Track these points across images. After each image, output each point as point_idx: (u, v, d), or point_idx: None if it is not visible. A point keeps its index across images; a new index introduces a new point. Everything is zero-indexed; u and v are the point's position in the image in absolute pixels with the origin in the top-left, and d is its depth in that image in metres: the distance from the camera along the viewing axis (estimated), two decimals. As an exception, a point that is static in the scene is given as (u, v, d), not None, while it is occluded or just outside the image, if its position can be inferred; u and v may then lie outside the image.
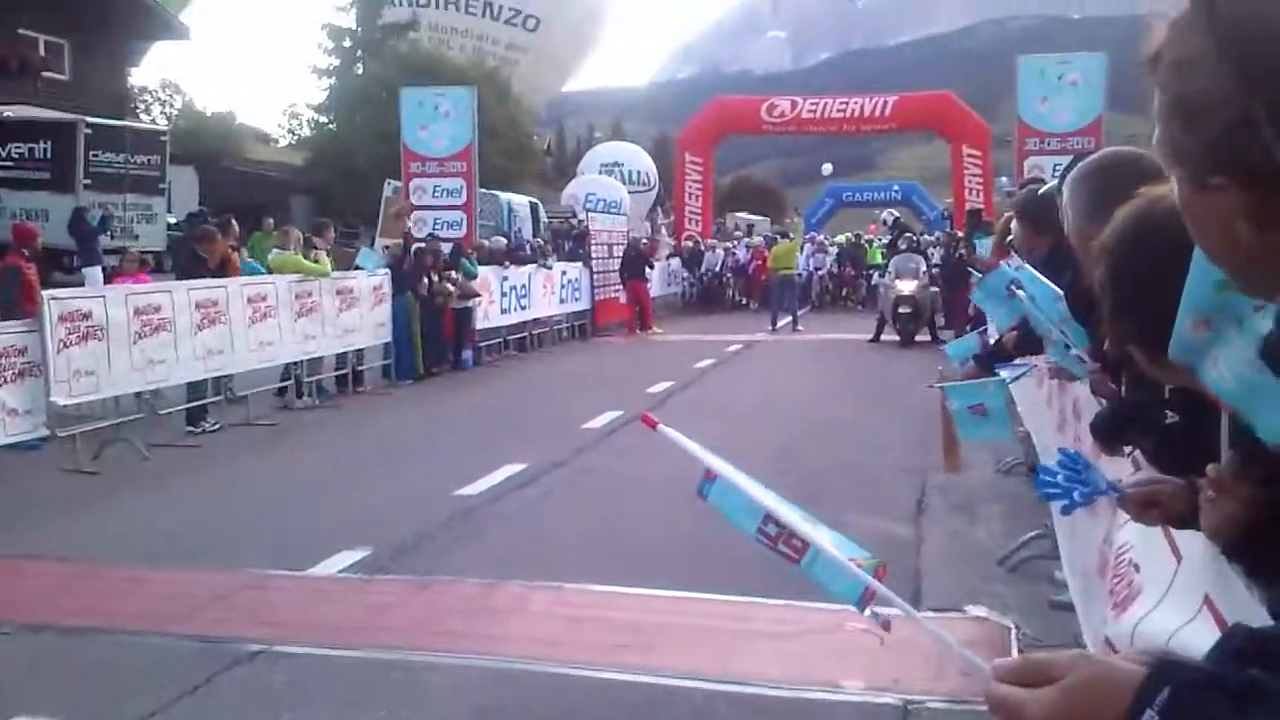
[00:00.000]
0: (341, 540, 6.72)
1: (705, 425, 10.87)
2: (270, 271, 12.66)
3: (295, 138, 42.12)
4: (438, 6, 45.60)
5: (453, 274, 15.50)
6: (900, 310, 18.50)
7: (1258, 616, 1.48)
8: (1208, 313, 1.35)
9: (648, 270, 22.54)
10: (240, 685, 4.66)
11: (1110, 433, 2.94)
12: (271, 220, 16.72)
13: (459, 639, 5.15)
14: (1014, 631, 5.15)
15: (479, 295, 16.18)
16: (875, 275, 26.00)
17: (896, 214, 30.07)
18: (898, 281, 18.85)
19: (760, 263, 27.28)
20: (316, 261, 13.09)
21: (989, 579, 6.02)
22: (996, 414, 4.97)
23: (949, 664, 4.46)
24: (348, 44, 37.62)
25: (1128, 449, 2.88)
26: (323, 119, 38.32)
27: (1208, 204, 0.99)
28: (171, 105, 45.29)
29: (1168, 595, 1.97)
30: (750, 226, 39.37)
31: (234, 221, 12.91)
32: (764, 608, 5.33)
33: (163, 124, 33.76)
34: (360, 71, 36.51)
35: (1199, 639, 1.58)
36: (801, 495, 5.65)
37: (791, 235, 27.43)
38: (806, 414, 11.83)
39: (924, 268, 19.47)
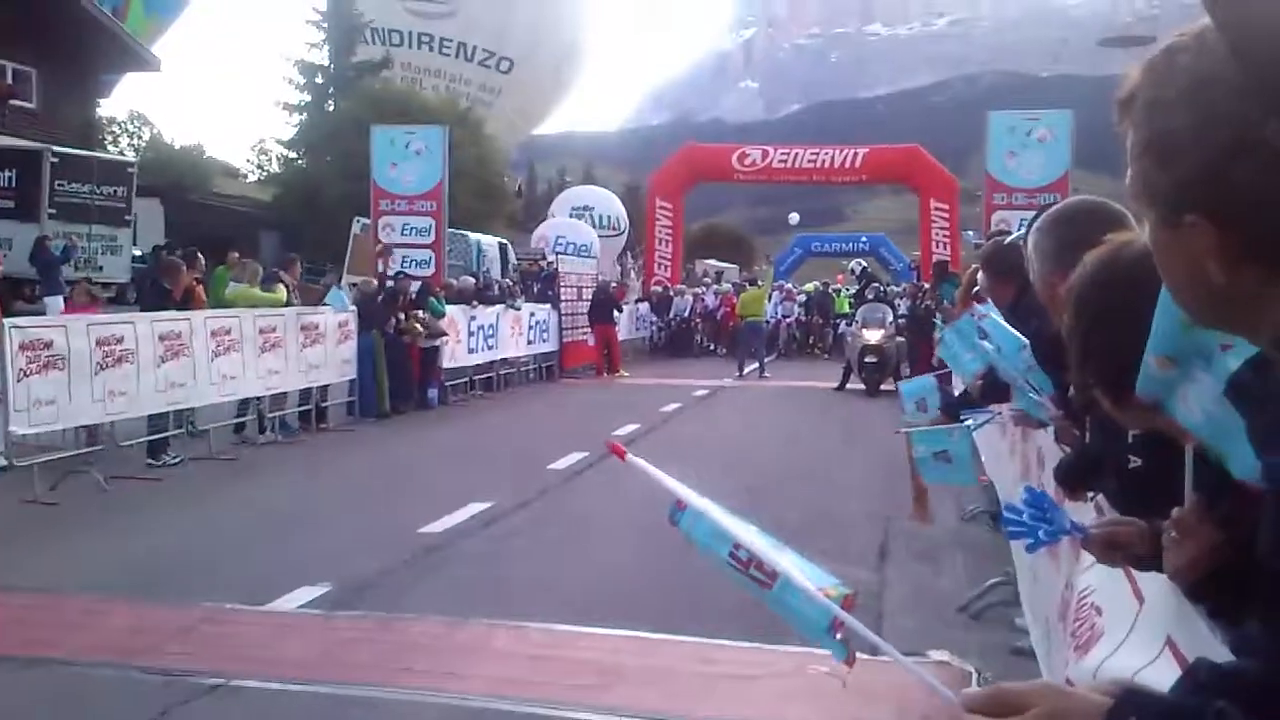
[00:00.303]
0: (303, 575, 6.65)
1: (671, 469, 10.85)
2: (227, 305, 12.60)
3: (264, 173, 42.02)
4: (411, 46, 45.86)
5: (420, 313, 15.48)
6: (866, 359, 18.64)
7: (1219, 657, 1.50)
8: (1174, 351, 1.39)
9: (616, 313, 22.64)
10: (198, 719, 4.60)
11: (1074, 478, 2.98)
12: (236, 254, 16.63)
13: (420, 676, 5.10)
14: (975, 675, 5.16)
15: (446, 334, 16.15)
16: (842, 324, 26.35)
17: (864, 264, 30.39)
18: (864, 330, 19.01)
19: (729, 309, 27.50)
20: (273, 292, 13.06)
21: (951, 624, 6.04)
22: (960, 460, 5.02)
23: (911, 705, 4.46)
24: (319, 80, 37.64)
25: (1091, 494, 2.92)
26: (292, 155, 38.24)
27: (1180, 243, 1.02)
28: (139, 137, 45.05)
29: (1130, 637, 1.99)
30: (719, 273, 39.56)
31: (199, 254, 12.85)
32: (728, 649, 5.32)
33: (130, 155, 33.59)
34: (331, 108, 36.52)
35: (1161, 680, 1.60)
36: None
37: (760, 282, 27.63)
38: (772, 459, 11.86)
39: (890, 318, 19.67)
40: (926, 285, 19.23)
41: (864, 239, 54.71)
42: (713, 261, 47.28)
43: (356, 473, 10.91)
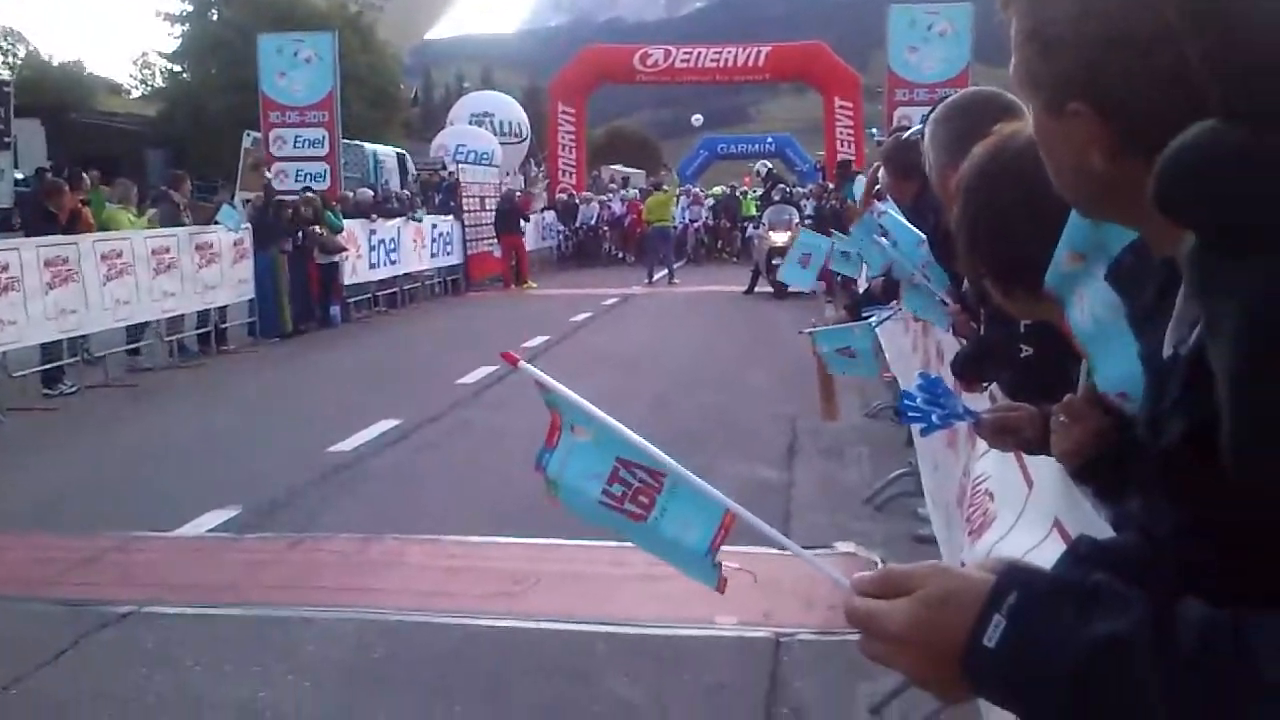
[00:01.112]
0: (210, 500, 6.57)
1: (581, 378, 10.88)
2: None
3: (149, 88, 40.40)
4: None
5: (315, 228, 15.13)
6: (774, 261, 18.40)
7: (1104, 535, 1.55)
8: (1084, 247, 1.40)
9: (522, 223, 22.38)
10: (109, 648, 4.56)
11: (969, 369, 3.04)
12: (98, 173, 15.79)
13: (334, 594, 5.10)
14: (880, 565, 5.31)
15: (345, 250, 15.83)
16: (750, 227, 26.25)
17: (769, 165, 30.19)
18: (771, 233, 18.87)
19: (636, 215, 27.29)
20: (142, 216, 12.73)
21: (857, 517, 6.21)
22: (864, 355, 5.11)
23: (818, 597, 4.59)
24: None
25: (986, 384, 2.98)
26: (176, 68, 36.79)
27: (1063, 131, 1.02)
28: (14, 54, 42.95)
29: (1020, 520, 2.06)
30: (626, 179, 39.27)
31: (85, 175, 12.36)
32: (639, 552, 5.38)
33: (5, 74, 32.01)
34: (215, 17, 35.09)
35: (1049, 559, 1.65)
36: (677, 443, 5.71)
37: (666, 188, 27.46)
38: (682, 364, 11.94)
39: (797, 219, 19.52)
40: (831, 185, 19.31)
41: (770, 140, 54.66)
42: (619, 167, 46.89)
43: (260, 394, 10.74)
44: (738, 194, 32.17)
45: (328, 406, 9.75)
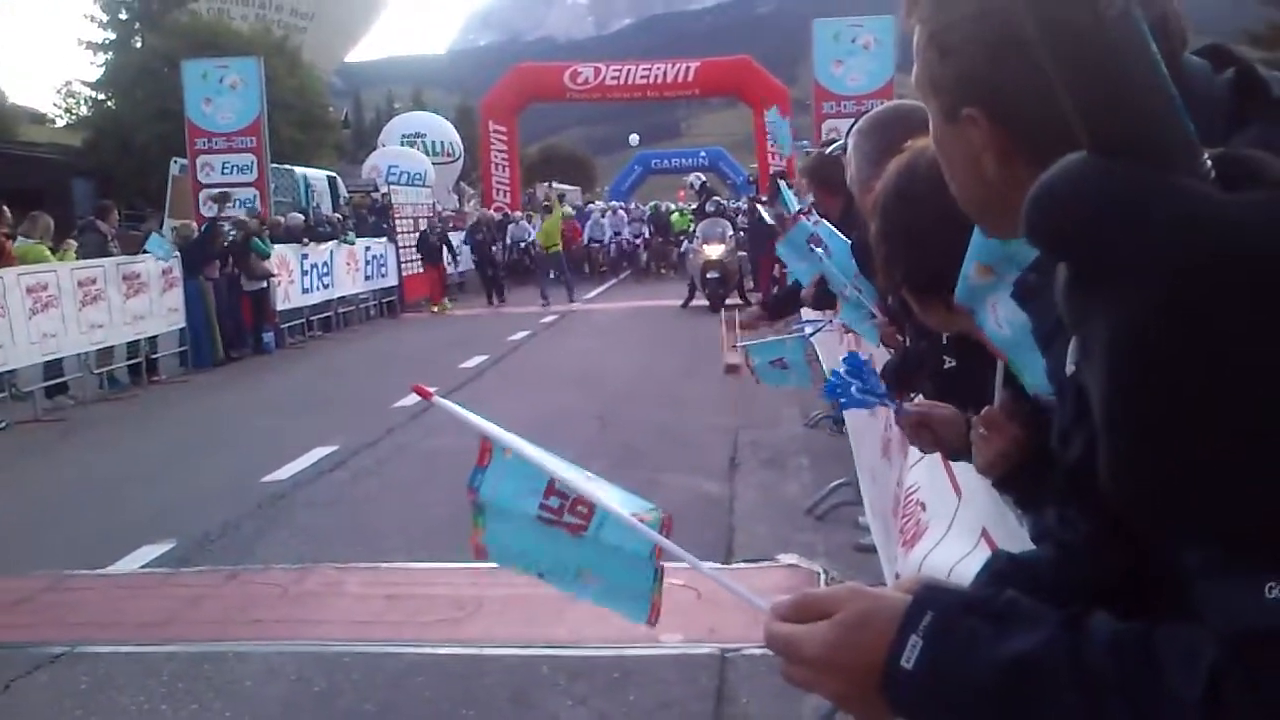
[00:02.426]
0: (144, 535, 6.45)
1: (521, 397, 10.86)
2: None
3: (73, 117, 39.59)
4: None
5: (252, 255, 14.94)
6: (709, 275, 18.67)
7: (1029, 545, 1.58)
8: (992, 260, 1.42)
9: (445, 253, 21.95)
10: (42, 690, 4.46)
11: (895, 380, 3.07)
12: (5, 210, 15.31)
13: (271, 626, 5.02)
14: (823, 576, 5.35)
15: (274, 275, 15.63)
16: (686, 242, 26.05)
17: (703, 178, 30.16)
18: (705, 247, 18.91)
19: (575, 231, 27.50)
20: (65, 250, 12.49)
21: (799, 528, 6.24)
22: (796, 366, 5.15)
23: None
24: (124, 16, 35.54)
25: (913, 395, 3.02)
26: (101, 96, 36.16)
27: (958, 137, 1.03)
28: (-68, 85, 42.00)
29: (950, 530, 2.08)
30: (561, 196, 39.23)
31: (5, 208, 12.08)
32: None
33: (-78, 105, 31.29)
34: (139, 45, 34.56)
35: (978, 569, 1.68)
36: (619, 459, 5.74)
37: (553, 210, 26.44)
38: (623, 380, 11.94)
39: (730, 232, 19.63)
40: (764, 198, 19.36)
41: (703, 154, 54.99)
42: (555, 184, 46.87)
43: (193, 425, 10.56)
44: (664, 209, 32.19)
45: (262, 435, 9.62)
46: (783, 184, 6.94)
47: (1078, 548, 1.11)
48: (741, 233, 20.63)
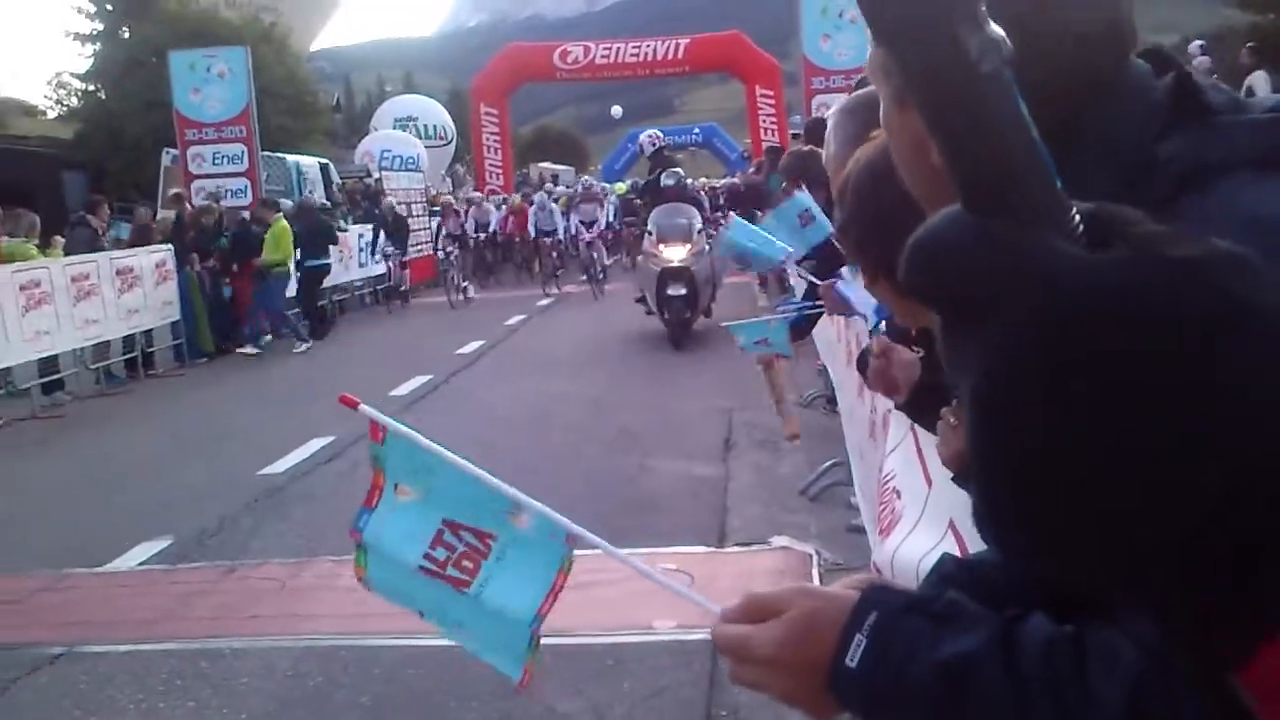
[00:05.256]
0: (141, 532, 6.49)
1: (518, 383, 10.88)
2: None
3: (64, 109, 39.48)
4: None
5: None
6: (669, 291, 12.34)
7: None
8: None
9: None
10: (41, 691, 4.50)
11: (865, 364, 3.08)
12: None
13: (267, 621, 5.06)
14: (815, 558, 5.38)
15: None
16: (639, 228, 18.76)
17: (659, 138, 16.10)
18: (661, 247, 12.60)
19: (520, 221, 23.90)
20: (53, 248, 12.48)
21: (792, 510, 6.27)
22: (780, 345, 5.19)
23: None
24: (110, 8, 35.37)
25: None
26: (91, 88, 36.05)
27: (907, 122, 1.04)
28: (-80, 79, 41.85)
29: (921, 520, 2.10)
30: (555, 176, 39.16)
31: (-2, 206, 12.08)
32: (576, 559, 5.41)
33: (-88, 101, 31.18)
34: (127, 35, 34.42)
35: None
36: (617, 443, 5.76)
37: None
38: (617, 365, 11.96)
39: (698, 224, 13.01)
40: (754, 167, 18.93)
41: (696, 130, 54.75)
42: (547, 165, 46.80)
43: (190, 418, 10.57)
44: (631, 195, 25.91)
45: (259, 427, 9.64)
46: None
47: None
48: (719, 213, 16.82)
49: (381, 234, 19.61)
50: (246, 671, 4.53)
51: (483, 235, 23.79)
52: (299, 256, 15.62)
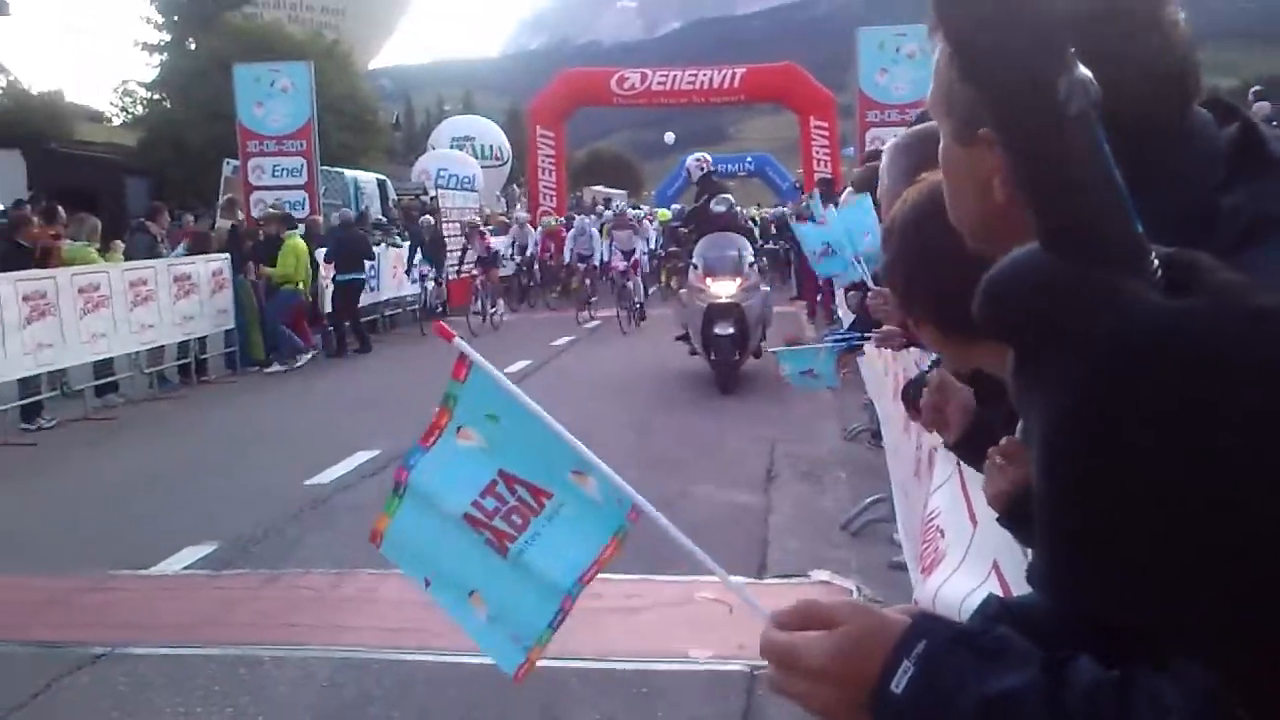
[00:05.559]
0: (187, 536, 6.56)
1: (562, 404, 10.89)
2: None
3: (129, 116, 40.26)
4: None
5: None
6: (716, 331, 11.35)
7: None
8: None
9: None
10: (82, 690, 4.55)
11: (914, 399, 3.07)
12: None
13: (307, 631, 5.10)
14: (855, 593, 5.34)
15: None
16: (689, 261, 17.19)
17: (705, 162, 14.60)
18: (709, 280, 11.54)
19: (557, 245, 23.45)
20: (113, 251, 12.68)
21: (834, 544, 6.23)
22: (827, 375, 5.16)
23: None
24: (178, 18, 36.09)
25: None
26: (156, 97, 36.74)
27: (970, 158, 1.05)
28: (-5, 86, 42.86)
29: (965, 560, 2.09)
30: (608, 200, 39.33)
31: (60, 209, 12.32)
32: (614, 583, 5.38)
33: (-13, 106, 31.97)
34: (194, 47, 35.09)
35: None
36: (657, 467, 5.72)
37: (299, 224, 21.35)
38: (662, 387, 11.95)
39: (750, 256, 12.08)
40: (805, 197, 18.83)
41: (749, 159, 54.75)
42: (600, 188, 47.01)
43: (239, 426, 10.71)
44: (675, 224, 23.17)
45: (306, 437, 9.74)
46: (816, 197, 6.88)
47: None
48: (772, 247, 16.77)
49: (418, 252, 19.20)
50: (285, 680, 4.57)
51: (519, 258, 23.04)
52: (334, 270, 15.63)
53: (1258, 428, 0.49)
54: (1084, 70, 0.56)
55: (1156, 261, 0.56)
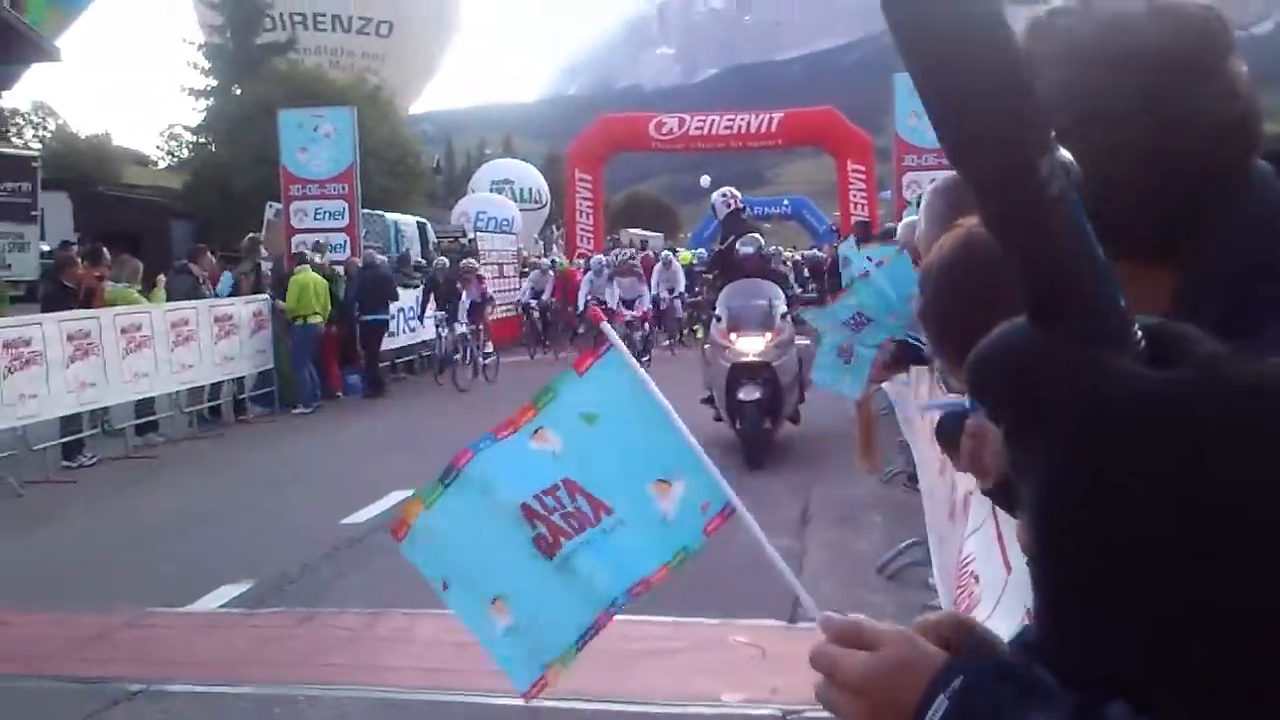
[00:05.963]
0: (223, 574, 6.62)
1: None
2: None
3: (175, 159, 41.05)
4: (309, 28, 45.85)
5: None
6: (741, 395, 9.74)
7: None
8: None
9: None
10: (117, 727, 4.57)
11: (950, 437, 3.05)
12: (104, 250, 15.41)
13: (342, 670, 5.11)
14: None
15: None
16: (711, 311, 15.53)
17: (733, 198, 12.54)
18: (735, 336, 9.91)
19: (573, 286, 22.33)
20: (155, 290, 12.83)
21: (869, 588, 6.18)
22: (860, 363, 4.66)
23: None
24: (224, 64, 36.85)
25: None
26: (201, 140, 37.45)
27: None
28: (44, 128, 43.87)
29: (998, 606, 2.07)
30: (644, 242, 39.52)
31: (105, 251, 12.53)
32: (647, 625, 5.37)
33: (36, 147, 32.63)
34: (239, 92, 35.78)
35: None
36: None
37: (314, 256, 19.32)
38: (697, 426, 11.88)
39: (782, 306, 10.27)
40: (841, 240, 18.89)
41: (786, 202, 54.98)
42: (637, 230, 47.27)
43: (277, 465, 10.80)
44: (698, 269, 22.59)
45: (343, 477, 9.80)
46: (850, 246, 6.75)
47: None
48: (809, 296, 15.26)
49: (431, 298, 18.13)
50: (319, 719, 4.58)
51: (534, 303, 22.09)
52: (358, 310, 15.71)
53: (1240, 493, 0.50)
54: (1064, 153, 0.58)
55: (1140, 334, 0.57)
